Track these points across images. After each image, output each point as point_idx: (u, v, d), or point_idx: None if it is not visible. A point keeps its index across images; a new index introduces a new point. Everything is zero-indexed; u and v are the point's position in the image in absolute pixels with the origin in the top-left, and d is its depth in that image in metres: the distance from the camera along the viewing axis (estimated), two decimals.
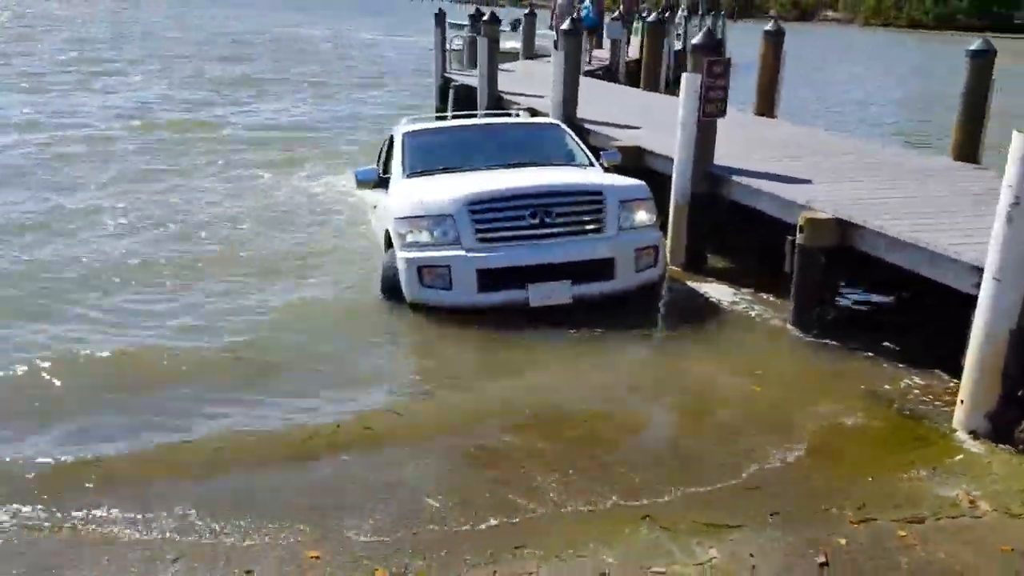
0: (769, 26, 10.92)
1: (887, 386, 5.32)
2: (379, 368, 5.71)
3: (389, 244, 6.78)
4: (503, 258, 6.16)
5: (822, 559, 3.48)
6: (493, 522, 3.78)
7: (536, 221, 6.27)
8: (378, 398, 5.13)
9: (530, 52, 19.77)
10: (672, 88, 18.47)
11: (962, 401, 4.74)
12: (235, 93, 20.21)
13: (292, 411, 4.88)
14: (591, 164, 7.50)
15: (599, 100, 11.12)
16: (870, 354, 5.74)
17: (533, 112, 9.38)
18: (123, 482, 4.06)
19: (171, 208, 9.49)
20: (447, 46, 15.71)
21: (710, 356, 5.88)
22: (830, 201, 6.23)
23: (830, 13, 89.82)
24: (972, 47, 8.01)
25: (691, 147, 7.23)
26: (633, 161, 8.22)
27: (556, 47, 22.46)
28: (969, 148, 8.17)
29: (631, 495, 4.00)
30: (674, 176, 7.43)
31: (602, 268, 6.33)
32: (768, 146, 8.74)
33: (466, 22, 17.27)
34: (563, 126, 8.32)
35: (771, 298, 6.87)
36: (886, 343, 5.89)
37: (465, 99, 13.70)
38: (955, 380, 5.18)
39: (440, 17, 15.38)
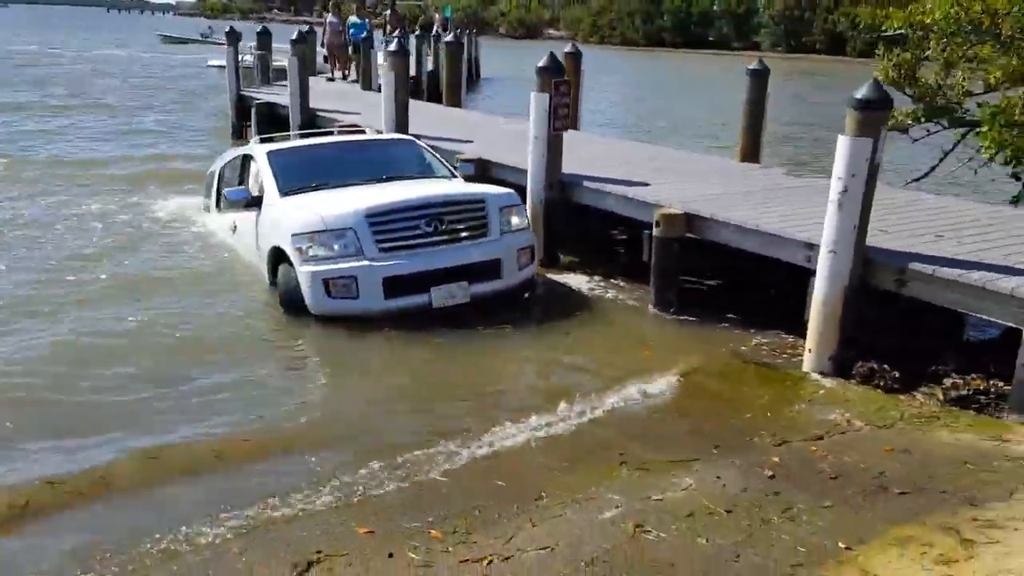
0: (568, 47, 12.14)
1: (743, 347, 6.49)
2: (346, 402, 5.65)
3: (278, 261, 7.00)
4: (407, 265, 6.64)
5: (769, 473, 4.44)
6: (502, 484, 4.37)
7: (431, 229, 6.82)
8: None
9: (312, 70, 19.85)
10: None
11: (810, 350, 6.01)
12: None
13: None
14: (453, 176, 8.15)
15: (415, 116, 11.70)
16: (723, 325, 6.92)
17: (376, 130, 9.81)
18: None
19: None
20: (239, 63, 15.49)
21: (596, 335, 6.80)
22: (669, 199, 7.39)
23: (552, 31, 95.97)
24: (751, 67, 9.64)
25: (543, 158, 8.14)
26: (480, 172, 8.98)
27: (326, 61, 22.82)
28: (753, 150, 9.81)
29: (601, 448, 4.77)
30: (529, 184, 8.28)
31: (491, 269, 7.01)
32: (587, 156, 9.84)
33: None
34: (418, 141, 8.89)
35: (621, 283, 7.98)
36: (730, 315, 7.11)
37: (268, 116, 13.70)
38: (792, 336, 6.51)
39: (233, 36, 15.17)
